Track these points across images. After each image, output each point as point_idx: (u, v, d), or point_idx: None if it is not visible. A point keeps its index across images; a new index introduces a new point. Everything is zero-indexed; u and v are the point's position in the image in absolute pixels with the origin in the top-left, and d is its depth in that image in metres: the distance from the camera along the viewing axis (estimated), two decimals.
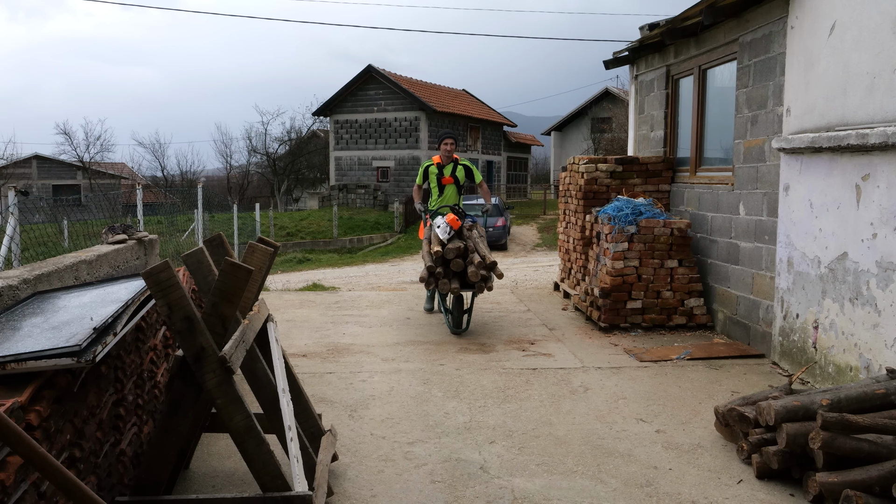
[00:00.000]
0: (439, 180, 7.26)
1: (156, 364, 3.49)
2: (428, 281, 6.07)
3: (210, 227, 14.42)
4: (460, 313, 6.37)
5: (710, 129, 6.88)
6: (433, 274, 6.08)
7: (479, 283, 6.03)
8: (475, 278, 5.99)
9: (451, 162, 7.30)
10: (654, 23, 7.60)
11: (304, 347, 5.96)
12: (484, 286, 6.07)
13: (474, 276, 5.99)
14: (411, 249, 22.70)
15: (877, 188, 4.22)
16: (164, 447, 2.70)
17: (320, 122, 41.65)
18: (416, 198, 7.50)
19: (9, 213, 5.46)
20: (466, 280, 6.08)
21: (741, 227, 5.97)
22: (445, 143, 7.28)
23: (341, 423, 4.17)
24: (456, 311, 6.35)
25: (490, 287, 6.11)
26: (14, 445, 1.80)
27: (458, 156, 7.41)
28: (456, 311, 6.35)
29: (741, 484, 3.39)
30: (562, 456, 3.72)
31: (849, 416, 3.03)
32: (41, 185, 40.38)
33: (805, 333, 4.97)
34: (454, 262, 6.10)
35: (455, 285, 6.03)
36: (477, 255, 6.12)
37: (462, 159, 7.39)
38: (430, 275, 6.08)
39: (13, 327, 2.56)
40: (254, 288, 3.12)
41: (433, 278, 6.09)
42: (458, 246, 6.13)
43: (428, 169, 7.32)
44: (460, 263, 6.07)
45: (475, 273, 5.99)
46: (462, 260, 6.10)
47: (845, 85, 4.51)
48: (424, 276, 6.10)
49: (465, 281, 6.10)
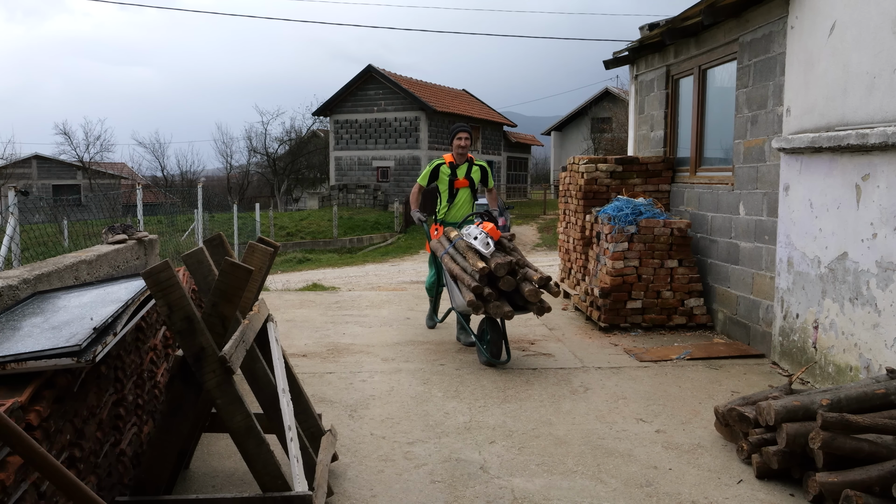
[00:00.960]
0: (451, 183, 6.17)
1: (156, 364, 3.49)
2: (477, 305, 4.97)
3: (210, 227, 14.42)
4: (499, 339, 5.31)
5: (710, 129, 6.88)
6: (482, 296, 4.98)
7: (537, 303, 5.04)
8: (534, 298, 4.98)
9: (466, 162, 6.26)
10: (654, 23, 7.60)
11: (304, 347, 5.96)
12: (544, 308, 5.08)
13: (533, 295, 4.97)
14: (411, 249, 22.70)
15: (877, 188, 4.22)
16: (164, 447, 2.70)
17: (320, 121, 41.66)
18: (414, 203, 6.38)
19: (9, 212, 5.46)
20: (516, 300, 5.12)
21: (741, 226, 5.97)
22: (459, 139, 6.19)
23: (341, 423, 4.17)
24: (494, 336, 5.31)
25: (548, 308, 5.11)
26: (14, 445, 1.80)
27: (472, 155, 6.38)
28: (494, 337, 5.30)
29: (741, 484, 3.39)
30: (562, 456, 3.72)
31: (849, 416, 3.03)
32: (41, 185, 40.38)
33: (805, 333, 4.97)
34: (504, 280, 5.02)
35: (508, 308, 4.98)
36: (530, 270, 5.14)
37: (477, 159, 6.37)
38: (479, 297, 4.99)
39: (13, 327, 2.56)
40: (254, 288, 3.13)
41: (483, 301, 5.00)
42: (507, 260, 5.03)
43: (439, 169, 6.20)
44: (511, 281, 5.03)
45: (534, 292, 4.97)
46: (512, 277, 5.07)
47: (845, 85, 4.51)
48: (472, 301, 4.96)
49: (514, 301, 5.12)
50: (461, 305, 5.37)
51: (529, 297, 4.97)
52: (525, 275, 5.08)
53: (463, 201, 6.24)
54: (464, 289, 5.16)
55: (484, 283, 4.98)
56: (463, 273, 5.18)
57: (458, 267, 5.30)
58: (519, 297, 5.09)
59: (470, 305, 5.01)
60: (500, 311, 4.96)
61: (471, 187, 6.24)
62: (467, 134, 6.20)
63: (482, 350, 5.32)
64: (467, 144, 6.19)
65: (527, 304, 5.06)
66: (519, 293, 5.07)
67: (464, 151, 6.20)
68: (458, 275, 5.24)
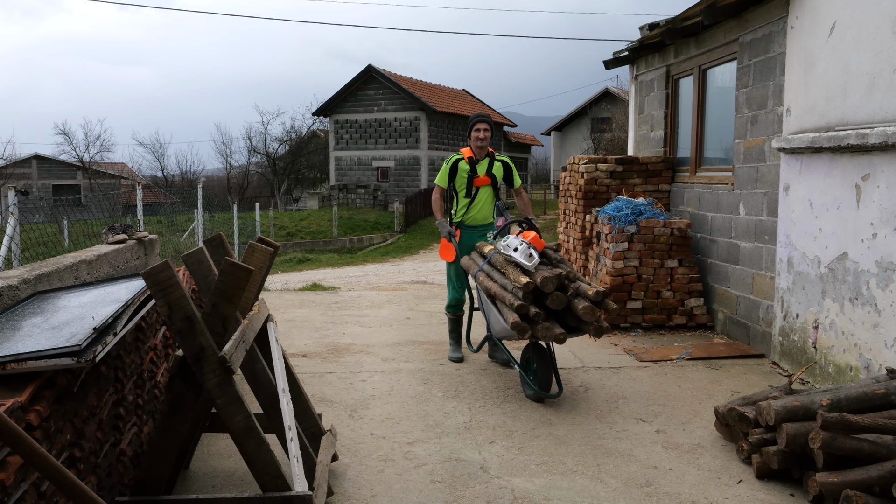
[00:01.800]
0: (470, 180, 5.40)
1: (156, 364, 3.49)
2: (522, 328, 4.17)
3: (210, 227, 14.42)
4: (548, 367, 4.51)
5: (710, 129, 6.88)
6: (528, 317, 4.19)
7: (593, 323, 4.24)
8: (590, 316, 4.17)
9: (487, 157, 5.50)
10: (654, 23, 7.60)
11: (304, 347, 5.96)
12: (602, 328, 4.28)
13: (588, 313, 4.16)
14: (411, 249, 22.70)
15: (877, 188, 4.22)
16: (164, 447, 2.70)
17: (320, 121, 41.65)
18: (439, 210, 5.53)
19: (9, 212, 5.46)
20: (567, 320, 4.36)
21: (741, 227, 5.97)
22: (477, 130, 5.38)
23: (341, 423, 4.17)
24: (541, 364, 4.50)
25: (607, 328, 4.34)
26: (14, 445, 1.80)
27: (492, 150, 5.61)
28: (542, 365, 4.50)
29: (741, 484, 3.39)
30: (562, 456, 3.72)
31: (849, 416, 3.03)
32: (41, 185, 40.38)
33: (805, 333, 4.97)
34: (553, 296, 4.22)
35: (560, 330, 4.20)
36: (583, 284, 4.32)
37: (499, 154, 5.66)
38: (525, 318, 4.20)
39: (13, 327, 2.56)
40: (254, 288, 3.13)
41: (529, 323, 4.20)
42: (555, 273, 4.22)
43: (457, 164, 5.43)
44: (561, 298, 4.23)
45: (589, 310, 4.16)
46: (562, 293, 4.28)
47: (845, 85, 4.51)
48: (517, 323, 4.16)
49: (565, 322, 4.37)
50: (503, 330, 4.53)
51: (584, 315, 4.16)
52: (578, 290, 4.27)
53: (484, 201, 5.49)
54: (505, 310, 4.37)
55: (529, 302, 4.20)
56: (503, 291, 4.38)
57: (496, 285, 4.49)
58: (571, 317, 4.30)
59: (514, 329, 4.18)
60: (549, 334, 4.18)
61: (492, 185, 5.49)
62: (487, 125, 5.42)
63: (528, 382, 4.52)
64: (487, 136, 5.40)
65: (581, 325, 4.28)
66: (571, 312, 4.28)
67: (483, 144, 5.42)
68: (496, 294, 4.46)
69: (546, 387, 4.47)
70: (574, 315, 4.26)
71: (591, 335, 4.29)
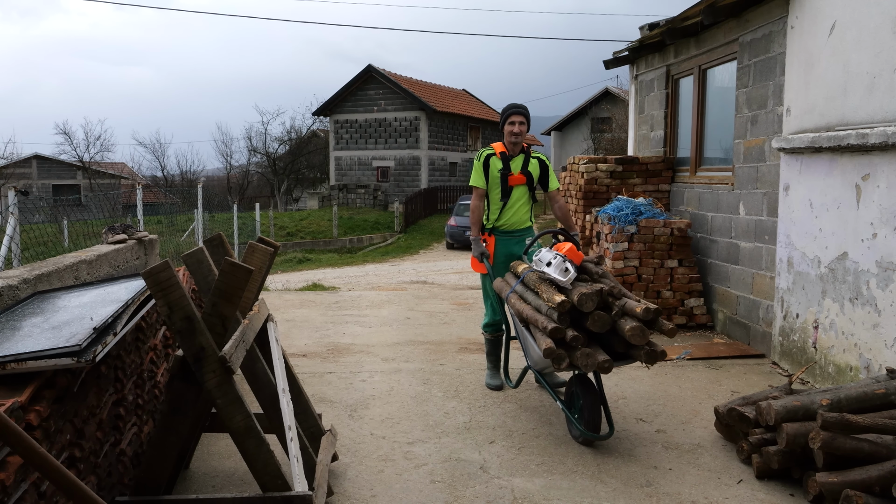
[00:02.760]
0: (504, 179, 4.69)
1: (156, 364, 3.49)
2: (558, 355, 3.53)
3: (210, 226, 14.42)
4: (596, 403, 3.84)
5: (710, 128, 6.88)
6: (564, 342, 3.55)
7: (643, 347, 3.57)
8: (639, 339, 3.49)
9: (522, 152, 4.79)
10: (654, 23, 7.60)
11: (304, 347, 5.96)
12: (657, 354, 3.58)
13: (637, 335, 3.48)
14: (411, 249, 22.71)
15: (877, 188, 4.22)
16: (164, 447, 2.70)
17: (320, 121, 41.66)
18: (477, 222, 4.78)
19: (9, 212, 5.46)
20: (613, 345, 3.68)
21: (741, 226, 5.97)
22: (511, 123, 4.68)
23: (341, 423, 4.17)
24: (588, 399, 3.83)
25: (661, 353, 3.59)
26: (14, 445, 1.80)
27: (527, 144, 4.86)
28: (588, 401, 3.83)
29: (741, 484, 3.39)
30: (562, 456, 3.72)
31: (849, 416, 3.03)
32: (41, 185, 40.37)
33: (805, 333, 4.97)
34: (594, 316, 3.55)
35: (604, 356, 3.50)
36: (630, 301, 3.65)
37: (535, 151, 4.88)
38: (562, 344, 3.56)
39: (13, 327, 2.56)
40: (254, 288, 3.13)
41: (566, 349, 3.56)
42: (596, 289, 3.56)
43: (489, 161, 4.74)
44: (604, 318, 3.56)
45: (638, 331, 3.47)
46: (605, 312, 3.61)
47: (845, 85, 4.51)
48: (551, 349, 3.51)
49: (611, 346, 3.69)
50: (540, 360, 3.86)
51: (632, 338, 3.48)
52: (624, 308, 3.60)
53: (520, 203, 4.76)
54: (538, 334, 3.71)
55: (566, 324, 3.56)
56: (536, 314, 3.75)
57: (528, 307, 3.87)
58: (618, 341, 3.64)
59: (548, 356, 3.52)
60: (591, 362, 3.49)
61: (528, 185, 4.78)
62: (522, 118, 4.68)
63: (573, 422, 3.85)
64: (523, 131, 4.69)
65: (630, 350, 3.64)
66: (617, 334, 3.61)
67: (518, 140, 4.72)
68: (529, 317, 3.80)
69: (594, 427, 3.78)
70: (621, 338, 3.59)
71: (643, 362, 3.58)
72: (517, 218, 4.77)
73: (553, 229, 4.65)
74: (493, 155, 4.76)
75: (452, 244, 21.96)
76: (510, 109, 4.75)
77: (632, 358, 3.66)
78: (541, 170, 4.81)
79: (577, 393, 3.93)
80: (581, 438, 3.85)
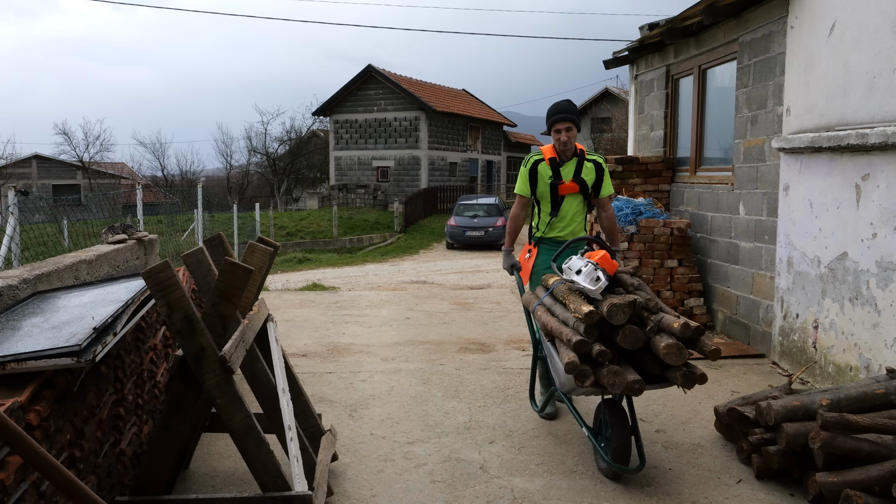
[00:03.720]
0: (554, 188, 4.30)
1: (156, 364, 3.49)
2: (582, 371, 3.13)
3: (210, 226, 14.42)
4: (626, 431, 3.41)
5: (709, 128, 6.88)
6: (591, 357, 3.16)
7: (680, 369, 3.15)
8: (676, 359, 3.09)
9: (574, 156, 4.34)
10: (654, 23, 7.61)
11: (303, 347, 5.96)
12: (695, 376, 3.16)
13: (674, 354, 3.09)
14: (411, 249, 22.70)
15: (877, 188, 4.22)
16: (164, 447, 2.70)
17: (320, 121, 41.67)
18: (512, 232, 4.49)
19: (9, 212, 5.46)
20: (646, 365, 3.27)
21: (741, 226, 5.97)
22: (558, 131, 4.23)
23: (341, 422, 4.17)
24: (617, 427, 3.41)
25: (701, 376, 3.17)
26: (14, 445, 1.80)
27: (582, 146, 4.42)
28: (617, 429, 3.41)
29: (741, 484, 3.39)
30: (562, 456, 3.72)
31: (849, 416, 3.03)
32: (41, 185, 40.36)
33: (805, 333, 4.97)
34: (625, 331, 3.17)
35: (634, 377, 3.12)
36: (667, 316, 3.25)
37: (590, 152, 4.42)
38: (586, 359, 3.17)
39: (13, 327, 2.56)
40: (254, 288, 3.13)
41: (591, 365, 3.17)
42: (629, 301, 3.18)
43: (537, 168, 4.32)
44: (637, 334, 3.17)
45: (675, 349, 3.08)
46: (638, 327, 3.22)
47: (845, 85, 4.51)
48: (573, 364, 3.11)
49: (643, 366, 3.28)
50: (567, 381, 3.37)
51: (667, 356, 3.08)
52: (660, 323, 3.20)
53: (573, 213, 4.35)
54: (563, 348, 3.33)
55: (593, 337, 3.17)
56: (562, 326, 3.36)
57: (555, 320, 3.47)
58: (652, 361, 3.23)
59: (569, 371, 3.12)
60: (619, 382, 3.10)
61: (582, 192, 4.34)
62: (569, 123, 4.21)
63: (600, 452, 3.48)
64: (571, 137, 4.22)
65: (665, 371, 3.23)
66: (651, 353, 3.22)
67: (567, 147, 4.26)
68: (554, 330, 3.42)
69: (623, 458, 3.37)
70: (656, 358, 3.20)
71: (680, 385, 3.16)
72: (570, 229, 4.37)
73: (587, 237, 4.12)
74: (542, 161, 4.32)
75: (452, 244, 21.95)
76: (556, 115, 4.26)
77: (667, 381, 3.26)
78: (596, 174, 4.35)
79: (605, 420, 3.50)
80: (608, 471, 3.46)
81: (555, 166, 4.29)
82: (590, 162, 4.35)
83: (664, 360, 3.12)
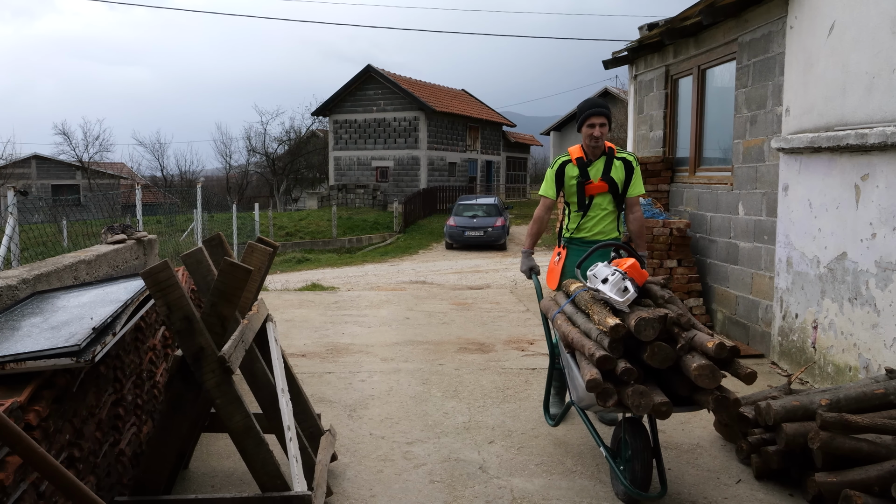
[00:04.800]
0: (581, 188, 4.20)
1: (155, 364, 3.48)
2: (605, 390, 2.88)
3: (209, 227, 14.41)
4: (647, 454, 3.16)
5: (709, 128, 6.88)
6: (615, 375, 2.90)
7: (712, 392, 2.86)
8: (708, 381, 2.81)
9: (603, 155, 4.22)
10: (654, 23, 7.61)
11: (303, 347, 5.96)
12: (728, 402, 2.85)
13: (706, 376, 2.80)
14: (410, 249, 22.71)
15: (876, 188, 4.22)
16: (164, 447, 2.70)
17: (319, 122, 41.67)
18: (533, 235, 4.38)
19: (8, 213, 5.46)
20: (675, 385, 3.01)
21: (740, 226, 5.97)
22: (591, 126, 4.12)
23: (340, 423, 4.17)
24: (635, 448, 3.16)
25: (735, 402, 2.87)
26: (13, 445, 1.80)
27: (612, 144, 4.33)
28: (636, 450, 3.16)
29: (740, 484, 3.40)
30: (561, 456, 3.72)
31: (848, 416, 3.03)
32: (40, 185, 40.34)
33: (804, 333, 4.97)
34: (654, 348, 2.89)
35: (662, 398, 2.87)
36: (700, 333, 2.98)
37: (620, 150, 4.32)
38: (610, 376, 2.90)
39: (12, 327, 2.56)
40: (253, 288, 3.13)
41: (615, 383, 2.90)
42: (659, 315, 2.92)
43: (564, 169, 4.24)
44: (666, 351, 2.90)
45: (707, 371, 2.80)
46: (668, 344, 2.93)
47: (844, 85, 4.51)
48: (595, 381, 2.84)
49: (671, 386, 3.02)
50: (585, 396, 3.13)
51: (698, 378, 2.80)
52: (692, 341, 2.95)
53: (603, 214, 4.24)
54: (584, 363, 3.06)
55: (618, 353, 2.92)
56: (584, 338, 3.10)
57: (576, 331, 3.22)
58: (681, 382, 2.97)
59: (592, 390, 2.86)
60: (645, 403, 2.83)
61: (612, 192, 4.21)
62: (603, 118, 4.10)
63: (617, 474, 3.20)
64: (604, 133, 4.11)
65: (695, 394, 2.95)
66: (680, 373, 2.95)
67: (598, 144, 4.16)
68: (575, 342, 3.16)
69: (642, 483, 3.12)
70: (685, 379, 2.93)
71: (710, 410, 2.91)
72: (598, 229, 4.25)
73: (614, 242, 3.93)
74: (569, 162, 4.23)
75: (451, 244, 21.95)
76: (589, 109, 4.15)
77: (697, 404, 2.98)
78: (626, 172, 4.21)
79: (625, 440, 3.24)
80: (624, 496, 3.21)
81: (582, 166, 4.20)
82: (619, 160, 4.23)
83: (695, 382, 2.83)
